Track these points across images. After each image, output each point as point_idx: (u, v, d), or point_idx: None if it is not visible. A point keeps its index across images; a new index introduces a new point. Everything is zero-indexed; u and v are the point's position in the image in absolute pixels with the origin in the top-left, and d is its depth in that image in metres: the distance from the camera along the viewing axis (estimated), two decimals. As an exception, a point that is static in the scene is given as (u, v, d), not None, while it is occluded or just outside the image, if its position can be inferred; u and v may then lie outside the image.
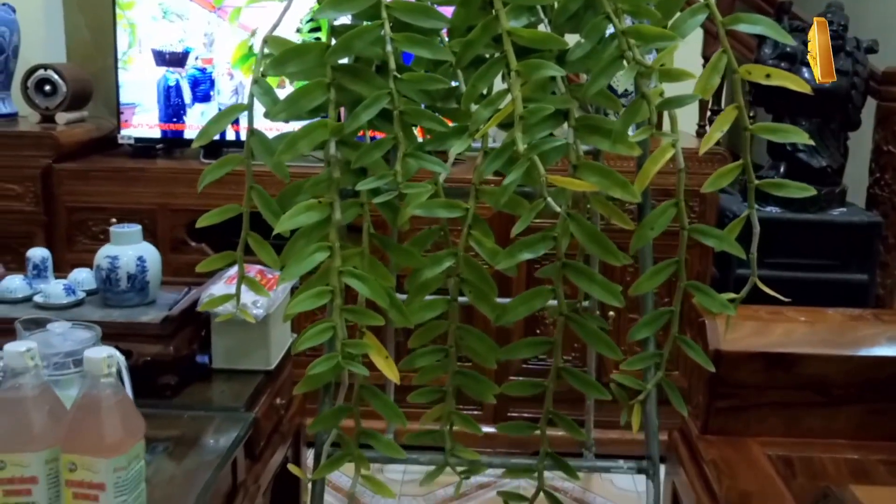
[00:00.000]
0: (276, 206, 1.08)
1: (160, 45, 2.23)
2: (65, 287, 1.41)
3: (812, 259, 2.33)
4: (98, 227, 2.20)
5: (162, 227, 2.19)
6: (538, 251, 1.05)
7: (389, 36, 1.00)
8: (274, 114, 1.04)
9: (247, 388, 1.37)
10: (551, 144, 0.97)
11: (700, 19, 1.07)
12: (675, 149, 1.04)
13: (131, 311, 1.39)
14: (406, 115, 1.01)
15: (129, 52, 2.25)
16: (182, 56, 2.26)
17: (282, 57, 1.04)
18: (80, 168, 2.20)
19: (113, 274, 1.39)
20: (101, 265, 1.40)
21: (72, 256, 2.20)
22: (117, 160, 2.27)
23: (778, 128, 1.10)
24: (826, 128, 2.35)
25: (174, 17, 2.23)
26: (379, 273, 1.09)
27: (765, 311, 1.64)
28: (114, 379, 0.79)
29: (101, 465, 0.77)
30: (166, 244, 2.19)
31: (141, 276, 1.40)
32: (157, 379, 1.32)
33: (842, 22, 2.31)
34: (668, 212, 1.10)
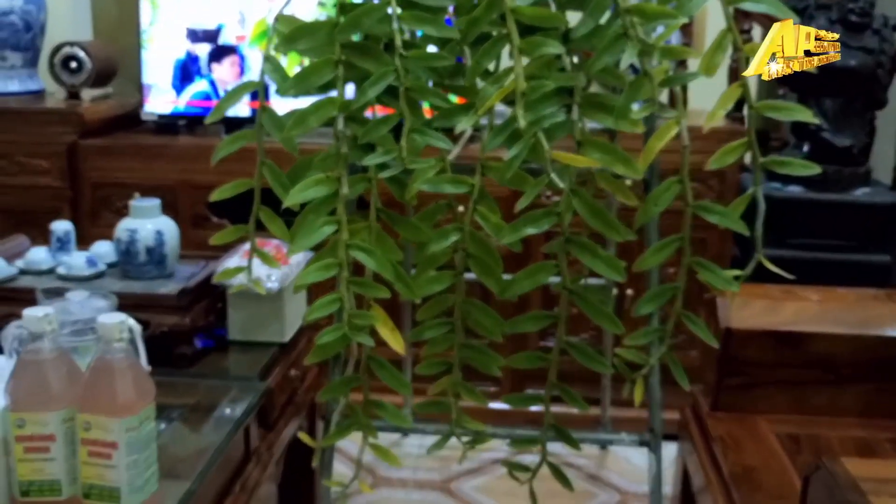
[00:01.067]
0: (286, 180, 1.11)
1: (191, 21, 2.26)
2: (87, 259, 1.45)
3: (834, 239, 2.32)
4: (121, 202, 2.24)
5: (183, 202, 2.24)
6: (542, 226, 1.07)
7: (396, 13, 1.02)
8: (284, 90, 1.06)
9: (261, 359, 1.41)
10: (552, 120, 0.98)
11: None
12: (680, 126, 1.05)
13: (150, 283, 1.43)
14: (412, 91, 1.02)
15: (151, 29, 2.28)
16: (214, 32, 2.28)
17: (291, 34, 1.06)
18: (104, 144, 2.25)
19: (132, 247, 1.43)
20: (120, 238, 1.44)
21: (96, 231, 2.25)
22: (141, 136, 2.31)
23: (782, 106, 1.10)
24: (850, 106, 2.32)
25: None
26: (386, 246, 1.11)
27: (777, 290, 1.64)
28: (126, 344, 0.82)
29: (114, 425, 0.81)
30: (188, 220, 2.23)
31: (159, 250, 1.44)
32: (174, 349, 1.36)
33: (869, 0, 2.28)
34: (672, 188, 1.11)
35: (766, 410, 1.55)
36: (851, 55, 2.29)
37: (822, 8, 2.35)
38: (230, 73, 2.30)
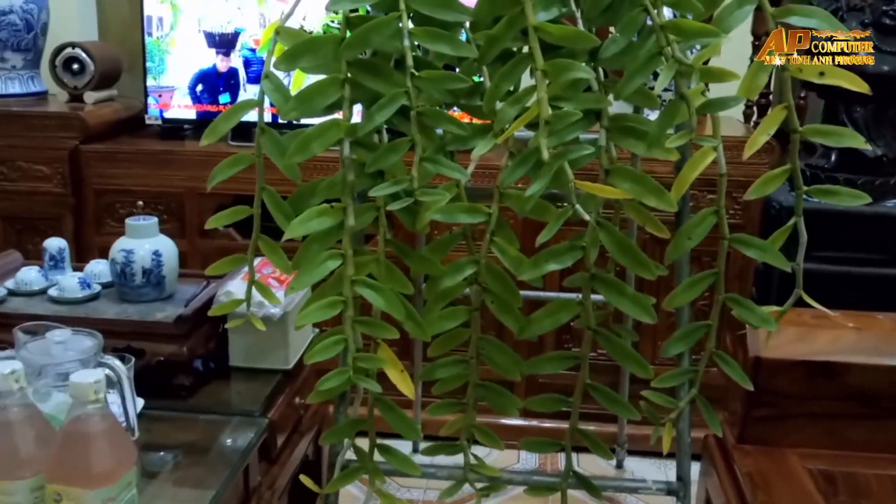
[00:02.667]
0: (287, 208, 1.03)
1: (210, 26, 2.18)
2: (80, 280, 1.37)
3: (864, 253, 2.21)
4: (125, 210, 2.17)
5: (190, 211, 2.16)
6: (565, 262, 0.98)
7: (407, 29, 0.93)
8: (285, 112, 0.98)
9: (264, 388, 1.32)
10: (579, 153, 0.89)
11: (748, 11, 0.98)
12: (717, 153, 0.96)
13: (147, 307, 1.35)
14: (424, 115, 0.94)
15: (172, 33, 2.20)
16: (232, 37, 2.20)
17: (294, 50, 0.98)
18: (107, 150, 2.17)
19: (128, 268, 1.35)
20: (115, 259, 1.36)
21: (100, 240, 2.18)
22: (145, 142, 2.24)
23: (830, 130, 1.01)
24: (883, 114, 2.22)
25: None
26: (396, 279, 1.03)
27: (810, 316, 1.54)
28: (102, 404, 0.74)
29: (89, 497, 0.73)
30: (194, 229, 2.16)
31: (157, 271, 1.36)
32: (172, 379, 1.28)
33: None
34: (707, 220, 1.02)
35: (798, 444, 1.46)
36: (885, 60, 2.18)
37: (853, 10, 2.24)
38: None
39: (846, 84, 0.99)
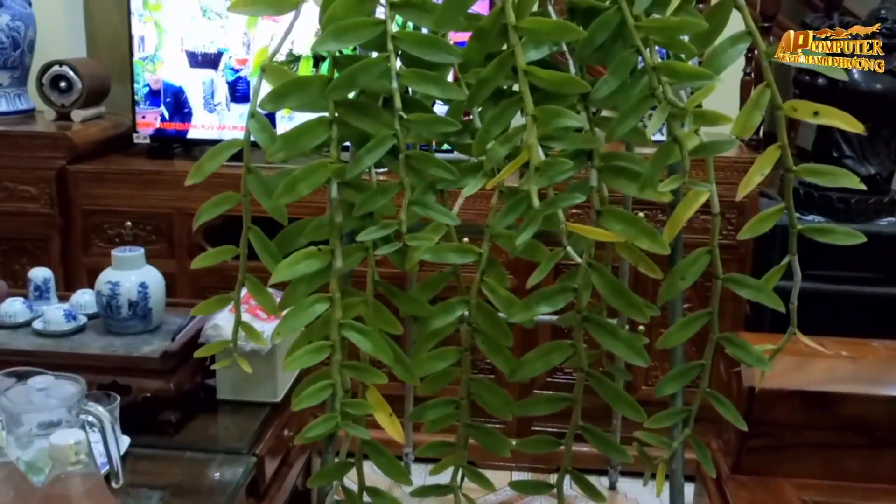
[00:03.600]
0: (274, 248, 1.01)
1: (193, 46, 2.15)
2: (65, 313, 1.35)
3: (857, 272, 2.20)
4: (114, 230, 2.15)
5: (179, 231, 2.13)
6: (557, 304, 0.97)
7: (395, 71, 0.92)
8: (272, 153, 0.96)
9: (252, 423, 1.30)
10: (571, 201, 0.88)
11: (741, 50, 0.97)
12: (710, 193, 0.95)
13: (133, 340, 1.33)
14: (413, 159, 0.92)
15: (159, 54, 2.17)
16: (215, 57, 2.17)
17: (281, 90, 0.96)
18: (95, 170, 2.14)
19: (114, 301, 1.33)
20: (101, 291, 1.34)
21: (88, 260, 2.16)
22: (133, 161, 2.21)
23: (825, 170, 1.00)
24: (877, 133, 2.21)
25: (213, 14, 2.14)
26: (384, 320, 1.01)
27: (804, 344, 1.53)
28: (83, 465, 0.72)
29: (68, 561, 0.71)
30: (183, 249, 2.13)
31: (143, 304, 1.34)
32: (158, 415, 1.26)
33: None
34: (701, 259, 1.01)
35: (793, 474, 1.44)
36: (878, 79, 2.17)
37: (847, 27, 2.23)
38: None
39: (841, 124, 0.98)
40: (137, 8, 2.16)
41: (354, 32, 0.92)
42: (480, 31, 0.90)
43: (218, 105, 2.19)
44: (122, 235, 2.14)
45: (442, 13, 0.90)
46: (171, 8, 2.14)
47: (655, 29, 0.90)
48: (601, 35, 0.91)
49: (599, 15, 0.92)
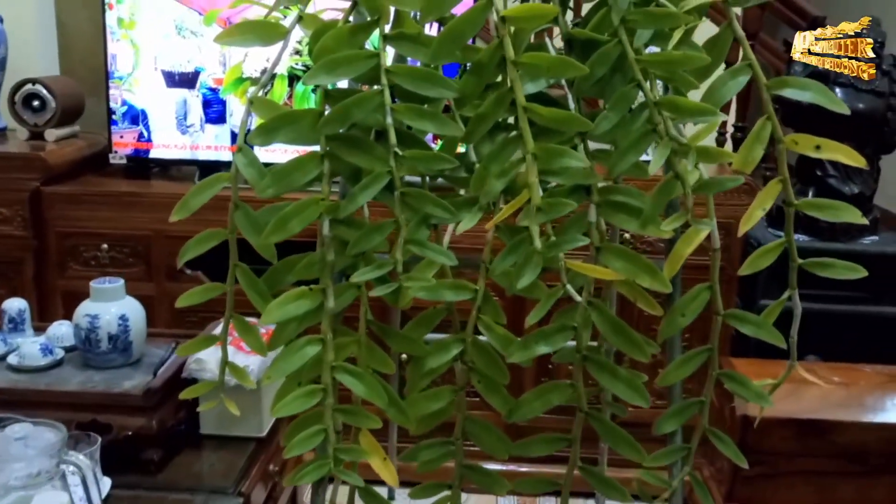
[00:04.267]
0: (262, 286, 0.97)
1: (170, 65, 2.11)
2: (41, 347, 1.31)
3: (842, 291, 2.20)
4: (90, 253, 2.10)
5: (157, 254, 2.09)
6: (556, 344, 0.94)
7: (390, 107, 0.89)
8: (261, 189, 0.92)
9: (237, 459, 1.27)
10: (573, 244, 0.85)
11: (742, 82, 0.95)
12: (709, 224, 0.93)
13: (113, 374, 1.29)
14: (408, 196, 0.89)
15: (135, 73, 2.13)
16: (192, 76, 2.13)
17: (270, 124, 0.92)
18: (70, 191, 2.10)
19: (93, 334, 1.29)
20: (80, 324, 1.30)
21: (63, 283, 2.11)
22: (110, 181, 2.17)
23: (826, 204, 0.98)
24: (860, 152, 2.21)
25: (188, 33, 2.10)
26: (377, 360, 0.98)
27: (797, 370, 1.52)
28: (66, 529, 0.68)
29: None
30: (161, 272, 2.09)
31: (123, 337, 1.30)
32: (140, 454, 1.22)
33: (879, 39, 2.17)
34: (701, 296, 0.98)
35: (788, 502, 1.43)
36: (861, 98, 2.18)
37: (830, 47, 2.23)
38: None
39: (843, 158, 0.97)
40: (112, 26, 2.11)
41: (347, 66, 0.89)
42: (478, 66, 0.88)
43: (191, 126, 2.15)
44: (99, 258, 2.10)
45: (438, 47, 0.87)
46: (146, 26, 2.10)
47: (656, 63, 0.88)
48: (600, 69, 0.89)
49: (598, 47, 0.90)
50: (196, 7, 2.02)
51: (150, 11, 2.05)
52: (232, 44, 0.96)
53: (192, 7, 2.02)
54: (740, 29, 0.96)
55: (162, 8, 2.04)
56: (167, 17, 2.05)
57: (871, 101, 2.17)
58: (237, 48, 2.10)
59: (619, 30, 0.89)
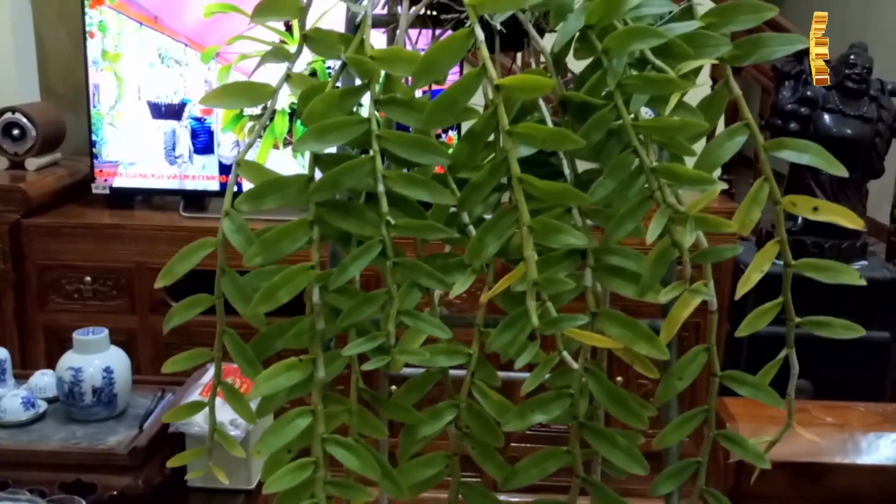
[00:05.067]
0: (250, 352, 0.95)
1: (155, 95, 2.08)
2: (23, 400, 1.28)
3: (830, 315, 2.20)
4: (72, 286, 2.06)
5: (140, 287, 2.06)
6: (553, 412, 0.92)
7: (381, 173, 0.87)
8: (249, 257, 0.90)
9: (225, 514, 1.25)
10: (572, 322, 0.83)
11: (739, 143, 0.94)
12: (708, 292, 0.91)
13: (98, 428, 1.26)
14: (401, 267, 0.87)
15: (118, 106, 2.09)
16: (179, 107, 2.10)
17: (258, 190, 0.90)
18: (51, 224, 2.06)
19: (76, 388, 1.26)
20: (62, 378, 1.27)
21: (44, 317, 2.07)
22: (92, 213, 2.13)
23: (826, 266, 0.97)
24: (847, 178, 2.21)
25: (172, 62, 2.07)
26: (370, 426, 0.96)
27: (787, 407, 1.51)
28: None
29: None
30: (145, 305, 2.06)
31: (108, 389, 1.27)
32: (125, 513, 1.19)
33: (866, 65, 2.18)
34: (698, 358, 0.97)
35: (782, 546, 1.42)
36: (848, 124, 2.18)
37: (817, 72, 2.23)
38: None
39: (842, 221, 0.95)
40: (96, 57, 2.08)
41: (337, 132, 0.87)
42: (471, 134, 0.86)
43: (179, 157, 2.12)
44: (81, 291, 2.06)
45: (431, 113, 0.85)
46: (130, 57, 2.07)
47: (654, 129, 0.86)
48: (596, 134, 0.87)
49: (592, 109, 0.88)
50: (182, 39, 1.99)
51: (132, 41, 2.02)
52: (217, 106, 0.94)
53: (178, 40, 1.99)
54: (737, 88, 0.95)
55: (144, 39, 2.01)
56: (150, 46, 2.02)
57: (858, 127, 2.17)
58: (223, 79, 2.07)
59: (615, 93, 0.87)
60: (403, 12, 0.96)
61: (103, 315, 2.03)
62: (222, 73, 2.06)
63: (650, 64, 0.89)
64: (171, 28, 2.01)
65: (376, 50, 0.88)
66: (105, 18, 2.02)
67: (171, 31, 2.01)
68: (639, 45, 0.85)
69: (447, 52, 0.85)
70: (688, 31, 0.89)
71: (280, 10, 0.96)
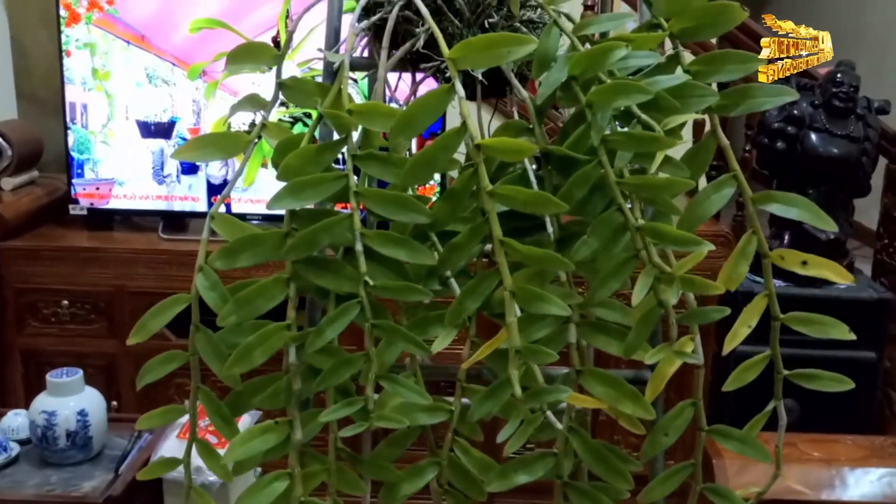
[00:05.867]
0: (225, 410, 0.93)
1: (143, 114, 2.04)
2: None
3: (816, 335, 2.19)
4: (50, 309, 2.02)
5: (119, 310, 2.02)
6: (536, 472, 0.90)
7: (359, 231, 0.84)
8: (223, 317, 0.88)
9: (203, 561, 1.21)
10: (556, 395, 0.81)
11: (726, 195, 0.92)
12: (695, 344, 0.90)
13: (72, 472, 1.24)
14: (380, 329, 0.85)
15: (110, 124, 2.05)
16: (168, 126, 2.06)
17: (234, 246, 0.88)
18: (28, 246, 2.02)
19: (50, 432, 1.23)
20: (35, 421, 1.24)
21: (22, 341, 2.04)
22: (70, 234, 2.09)
23: (816, 320, 0.96)
24: (835, 197, 2.20)
25: (159, 81, 2.03)
26: (348, 483, 0.93)
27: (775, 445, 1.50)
28: None
29: None
30: (124, 329, 2.02)
31: (83, 433, 1.24)
32: (99, 563, 1.16)
33: (853, 83, 2.16)
34: (685, 413, 0.95)
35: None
36: (835, 143, 2.17)
37: (804, 90, 2.22)
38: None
39: (831, 275, 0.94)
40: (86, 77, 2.03)
41: (314, 188, 0.85)
42: (452, 193, 0.83)
43: (168, 176, 2.08)
44: (59, 315, 2.02)
45: (410, 171, 0.83)
46: (118, 75, 2.03)
47: (639, 186, 0.84)
48: (580, 190, 0.85)
49: (576, 163, 0.86)
50: (169, 58, 1.95)
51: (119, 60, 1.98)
52: (192, 160, 0.91)
53: (165, 59, 1.95)
54: (724, 138, 0.93)
55: (131, 58, 1.97)
56: (138, 65, 1.99)
57: (845, 147, 2.16)
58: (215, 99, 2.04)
59: (600, 149, 0.85)
60: (382, 62, 0.93)
61: (81, 339, 2.00)
62: (209, 90, 2.03)
63: (636, 118, 0.86)
64: (158, 47, 1.97)
65: (354, 104, 0.86)
66: (92, 37, 1.98)
67: (159, 50, 1.97)
68: (624, 102, 0.83)
69: (426, 109, 0.83)
70: (675, 85, 0.86)
71: (255, 59, 0.93)
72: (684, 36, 0.92)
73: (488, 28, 0.95)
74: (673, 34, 0.91)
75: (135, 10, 1.96)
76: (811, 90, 2.21)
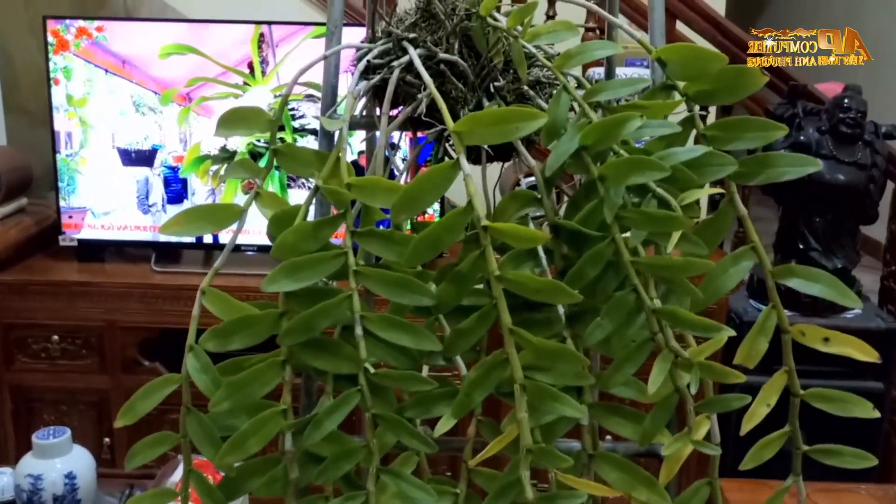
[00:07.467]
0: (219, 495, 0.88)
1: (126, 142, 1.99)
2: (-22, 508, 1.20)
3: (824, 366, 2.14)
4: (39, 345, 1.98)
5: (111, 345, 1.97)
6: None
7: (359, 314, 0.79)
8: (215, 403, 0.83)
9: None
10: (571, 501, 0.76)
11: (745, 268, 0.87)
12: (712, 446, 0.85)
13: (59, 538, 1.19)
14: (380, 419, 0.80)
15: (82, 152, 2.00)
16: (149, 154, 2.01)
17: (226, 328, 0.83)
18: (17, 281, 1.97)
19: (36, 497, 1.18)
20: (21, 486, 1.19)
21: (10, 377, 1.99)
22: (60, 267, 2.04)
23: (837, 397, 0.91)
24: (841, 225, 2.16)
25: (146, 109, 1.99)
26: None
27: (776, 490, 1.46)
28: None
29: None
30: (116, 364, 1.97)
31: (70, 496, 1.19)
32: None
33: (860, 108, 2.12)
34: (701, 492, 0.91)
35: None
36: (842, 170, 2.13)
37: (811, 115, 2.18)
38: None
39: (854, 353, 0.90)
40: (61, 103, 1.98)
41: (311, 269, 0.80)
42: (457, 276, 0.79)
43: (153, 206, 2.03)
44: (49, 350, 1.97)
45: (413, 252, 0.78)
46: (99, 103, 1.98)
47: (655, 267, 0.79)
48: (592, 269, 0.81)
49: (585, 237, 0.81)
50: (151, 87, 1.90)
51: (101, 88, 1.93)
52: (181, 234, 0.86)
53: (147, 87, 1.90)
54: (743, 207, 0.88)
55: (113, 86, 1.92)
56: (122, 93, 1.93)
57: (852, 174, 2.11)
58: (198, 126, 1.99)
59: (613, 226, 0.80)
60: (382, 127, 0.88)
61: (72, 375, 1.95)
62: (182, 117, 1.98)
63: (651, 192, 0.82)
64: (139, 76, 1.92)
65: (354, 178, 0.81)
66: (70, 64, 1.93)
67: (140, 79, 1.92)
68: (639, 179, 0.78)
69: (430, 185, 0.79)
70: (692, 157, 0.82)
71: (248, 125, 0.88)
72: (700, 99, 0.88)
73: (493, 92, 0.90)
74: (688, 97, 0.87)
75: (121, 40, 1.91)
76: (817, 115, 2.17)
